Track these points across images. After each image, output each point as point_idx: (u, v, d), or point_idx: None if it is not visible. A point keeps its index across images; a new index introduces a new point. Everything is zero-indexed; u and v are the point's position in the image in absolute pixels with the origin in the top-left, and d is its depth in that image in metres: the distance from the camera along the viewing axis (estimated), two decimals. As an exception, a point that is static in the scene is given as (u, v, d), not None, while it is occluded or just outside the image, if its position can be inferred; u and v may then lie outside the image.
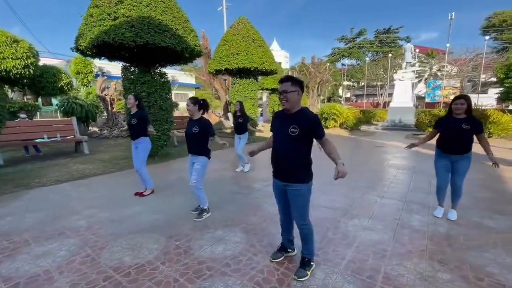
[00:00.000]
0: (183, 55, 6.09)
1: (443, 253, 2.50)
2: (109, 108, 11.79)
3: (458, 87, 30.89)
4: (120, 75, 6.37)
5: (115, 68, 18.29)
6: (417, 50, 25.16)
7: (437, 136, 3.28)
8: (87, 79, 18.07)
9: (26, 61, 7.44)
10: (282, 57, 48.49)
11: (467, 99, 3.05)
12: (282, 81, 2.04)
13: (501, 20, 32.69)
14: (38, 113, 9.29)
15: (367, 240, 2.76)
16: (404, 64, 16.02)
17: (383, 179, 5.08)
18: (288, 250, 2.48)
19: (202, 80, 21.56)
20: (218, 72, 9.75)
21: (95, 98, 12.04)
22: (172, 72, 30.87)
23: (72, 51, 5.74)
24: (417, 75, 32.94)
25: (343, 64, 42.85)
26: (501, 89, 14.84)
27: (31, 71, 7.70)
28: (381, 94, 36.52)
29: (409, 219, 3.26)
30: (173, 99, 30.09)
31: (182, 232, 2.95)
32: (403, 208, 3.62)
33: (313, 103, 23.81)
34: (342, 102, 37.33)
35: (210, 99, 23.48)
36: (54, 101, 15.40)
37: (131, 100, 3.92)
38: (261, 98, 24.57)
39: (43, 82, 9.03)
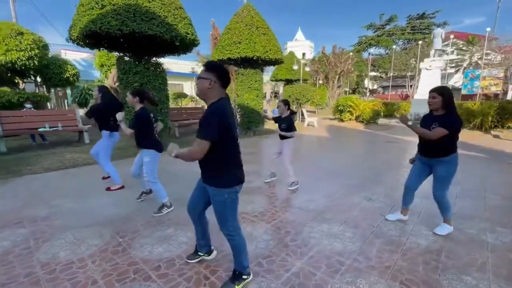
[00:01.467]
0: (174, 44, 5.90)
1: (412, 273, 2.08)
2: (121, 99, 12.07)
3: (501, 77, 27.63)
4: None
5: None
6: (452, 37, 22.79)
7: None
8: (110, 71, 18.81)
9: (30, 53, 7.80)
10: (306, 47, 46.84)
11: (442, 92, 2.46)
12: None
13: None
14: (49, 104, 9.74)
15: (327, 249, 2.40)
16: (432, 52, 14.51)
17: (381, 179, 4.56)
18: (200, 253, 2.22)
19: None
20: (221, 62, 9.48)
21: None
22: (192, 64, 31.23)
23: (67, 42, 5.81)
24: (453, 65, 30.01)
25: (370, 54, 40.39)
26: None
27: (36, 62, 8.06)
28: (411, 86, 33.91)
29: (388, 228, 2.82)
30: (193, 92, 30.44)
31: (133, 228, 2.81)
32: (388, 213, 3.16)
33: (333, 95, 22.74)
34: (367, 94, 35.31)
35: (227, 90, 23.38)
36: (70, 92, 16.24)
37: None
38: (278, 91, 23.97)
39: (50, 73, 9.48)
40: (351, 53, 24.42)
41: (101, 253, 2.36)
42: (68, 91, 17.80)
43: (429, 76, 14.22)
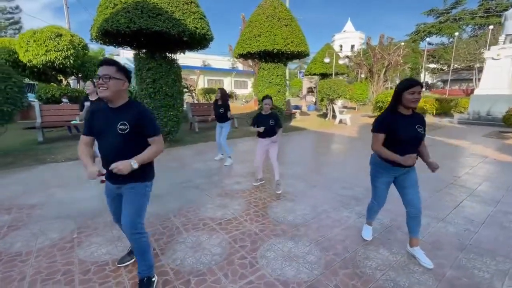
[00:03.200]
0: (182, 39, 5.88)
1: (364, 324, 1.60)
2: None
3: None
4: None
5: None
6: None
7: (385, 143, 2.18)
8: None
9: (66, 53, 8.73)
10: (356, 38, 43.61)
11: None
12: (101, 63, 1.65)
13: None
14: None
15: (274, 275, 2.03)
16: (502, 38, 11.94)
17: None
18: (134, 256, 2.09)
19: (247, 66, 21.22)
20: (242, 57, 9.28)
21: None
22: (233, 60, 31.68)
23: (91, 41, 6.25)
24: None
25: (429, 43, 35.66)
26: None
27: (71, 61, 8.98)
28: (479, 79, 28.98)
29: (366, 255, 2.29)
30: (232, 87, 31.02)
31: (95, 225, 2.82)
32: (379, 234, 2.59)
33: (377, 90, 20.70)
34: (423, 89, 31.27)
35: (262, 86, 23.12)
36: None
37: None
38: (315, 86, 22.80)
39: (86, 71, 10.50)
40: (402, 43, 21.79)
41: (49, 248, 2.39)
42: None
43: (496, 68, 11.79)
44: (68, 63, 9.16)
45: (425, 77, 33.51)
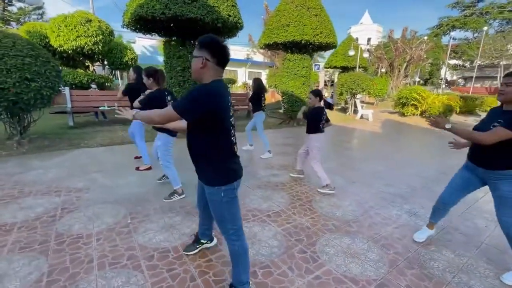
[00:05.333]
0: (216, 26, 5.78)
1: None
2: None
3: None
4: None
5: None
6: None
7: None
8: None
9: (95, 38, 8.75)
10: (373, 31, 42.33)
11: None
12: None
13: None
14: (111, 85, 10.88)
15: (340, 271, 1.99)
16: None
17: (434, 190, 3.71)
18: (202, 241, 2.15)
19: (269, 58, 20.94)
20: (268, 47, 9.10)
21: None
22: (248, 50, 31.27)
23: (122, 28, 6.23)
24: None
25: (453, 38, 34.16)
26: None
27: (100, 47, 9.01)
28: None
29: (430, 256, 2.22)
30: (247, 78, 30.64)
31: (145, 211, 2.84)
32: (437, 234, 2.51)
33: (398, 85, 20.13)
34: (442, 86, 30.27)
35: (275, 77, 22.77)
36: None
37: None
38: (333, 79, 22.35)
39: (113, 57, 10.53)
40: (426, 37, 20.99)
41: (107, 232, 2.42)
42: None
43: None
44: (97, 49, 9.21)
45: (445, 74, 32.30)
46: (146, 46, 25.68)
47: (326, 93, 23.04)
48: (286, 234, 2.48)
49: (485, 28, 24.96)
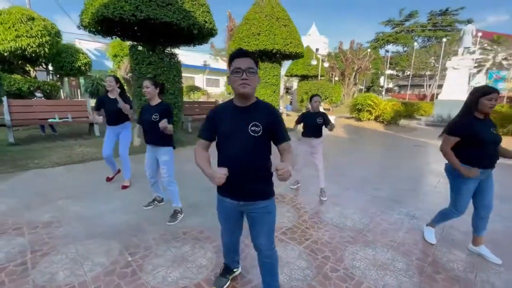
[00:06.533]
0: (191, 33, 5.47)
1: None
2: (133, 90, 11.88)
3: (528, 80, 26.08)
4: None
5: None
6: (480, 35, 21.54)
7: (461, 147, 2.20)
8: (123, 62, 18.62)
9: (40, 40, 7.51)
10: (320, 42, 45.55)
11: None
12: (239, 54, 1.38)
13: None
14: (62, 93, 9.49)
15: (379, 285, 1.95)
16: (461, 50, 13.54)
17: (419, 191, 4.05)
18: (234, 270, 1.99)
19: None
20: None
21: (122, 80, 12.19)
22: (204, 57, 30.72)
23: (79, 28, 5.46)
24: (476, 65, 28.50)
25: (387, 51, 38.92)
26: None
27: (46, 49, 7.77)
28: (429, 85, 32.58)
29: (446, 258, 2.34)
30: (205, 85, 30.12)
31: (144, 242, 2.43)
32: (440, 235, 2.67)
33: (348, 93, 21.95)
34: (383, 93, 34.13)
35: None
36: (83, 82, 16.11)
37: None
38: (291, 87, 23.35)
39: (62, 62, 9.20)
40: (369, 50, 23.46)
41: (106, 277, 1.98)
42: (81, 81, 17.68)
43: (456, 76, 13.32)
44: (43, 51, 7.84)
45: (385, 82, 36.50)
46: (90, 50, 23.26)
47: (283, 100, 23.95)
48: (310, 252, 2.37)
49: (416, 43, 28.96)
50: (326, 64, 16.19)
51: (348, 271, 2.12)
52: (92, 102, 7.52)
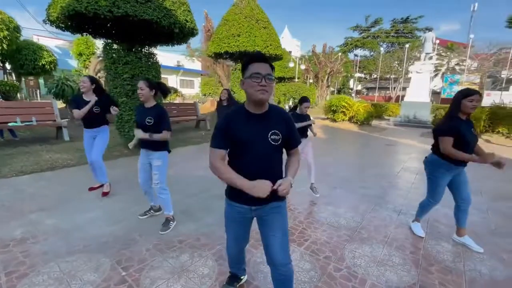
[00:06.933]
0: (172, 32, 5.27)
1: (493, 315, 1.74)
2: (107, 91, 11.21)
3: (477, 83, 29.09)
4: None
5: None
6: (437, 42, 23.51)
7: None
8: (89, 61, 17.41)
9: None
10: (293, 45, 46.64)
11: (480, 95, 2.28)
12: (258, 58, 1.31)
13: (531, 11, 30.26)
14: (18, 94, 8.59)
15: (382, 283, 2.01)
16: (422, 56, 14.69)
17: (399, 187, 4.28)
18: (241, 277, 1.92)
19: (206, 66, 20.62)
20: (218, 56, 8.89)
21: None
22: (177, 57, 29.88)
23: (45, 23, 4.99)
24: (433, 69, 31.21)
25: (355, 55, 41.06)
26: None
27: (4, 46, 6.96)
28: (394, 88, 34.93)
29: (435, 249, 2.49)
30: (178, 86, 29.23)
31: (137, 254, 2.26)
32: (426, 230, 2.84)
33: (322, 94, 22.71)
34: (353, 95, 35.89)
35: (215, 86, 22.53)
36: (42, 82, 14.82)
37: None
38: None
39: (22, 60, 8.30)
40: (340, 53, 24.54)
41: (100, 295, 1.81)
42: (41, 81, 16.23)
43: (419, 80, 14.41)
44: (0, 48, 6.99)
45: (354, 85, 38.43)
46: (50, 47, 21.47)
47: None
48: (311, 253, 2.37)
49: (382, 48, 30.83)
50: (302, 67, 16.59)
51: (350, 269, 2.16)
52: (60, 104, 6.92)
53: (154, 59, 5.92)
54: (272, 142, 1.36)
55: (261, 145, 1.36)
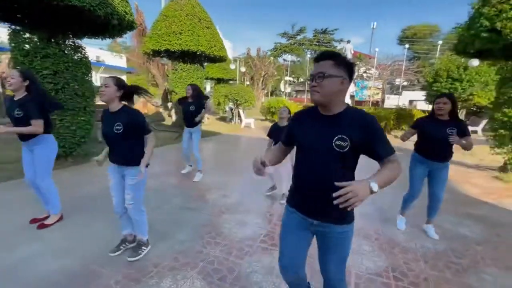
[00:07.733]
0: (107, 23, 4.58)
1: (447, 281, 2.14)
2: (1, 89, 8.86)
3: (381, 88, 35.25)
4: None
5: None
6: (353, 52, 27.36)
7: (416, 138, 2.91)
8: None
9: None
10: (226, 47, 46.86)
11: (451, 98, 2.65)
12: (315, 59, 1.25)
13: (413, 33, 38.49)
14: None
15: (361, 268, 2.22)
16: (344, 64, 16.88)
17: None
18: None
19: (136, 64, 18.75)
20: (156, 54, 8.18)
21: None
22: (96, 51, 26.16)
23: None
24: (351, 76, 36.26)
25: (284, 60, 44.09)
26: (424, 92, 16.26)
27: None
28: (319, 91, 38.94)
29: (391, 232, 2.90)
30: (99, 84, 25.77)
31: (105, 291, 1.88)
32: (380, 218, 3.27)
33: (258, 96, 23.55)
34: (284, 97, 38.49)
35: (145, 86, 20.63)
36: None
37: (13, 79, 2.44)
38: (205, 88, 23.02)
39: None
40: (272, 58, 25.95)
41: None
42: None
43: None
44: None
45: (285, 87, 41.22)
46: None
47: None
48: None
49: (308, 55, 33.93)
50: (243, 69, 16.83)
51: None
52: None
53: (83, 53, 5.03)
54: (337, 149, 1.18)
55: (323, 150, 1.21)
